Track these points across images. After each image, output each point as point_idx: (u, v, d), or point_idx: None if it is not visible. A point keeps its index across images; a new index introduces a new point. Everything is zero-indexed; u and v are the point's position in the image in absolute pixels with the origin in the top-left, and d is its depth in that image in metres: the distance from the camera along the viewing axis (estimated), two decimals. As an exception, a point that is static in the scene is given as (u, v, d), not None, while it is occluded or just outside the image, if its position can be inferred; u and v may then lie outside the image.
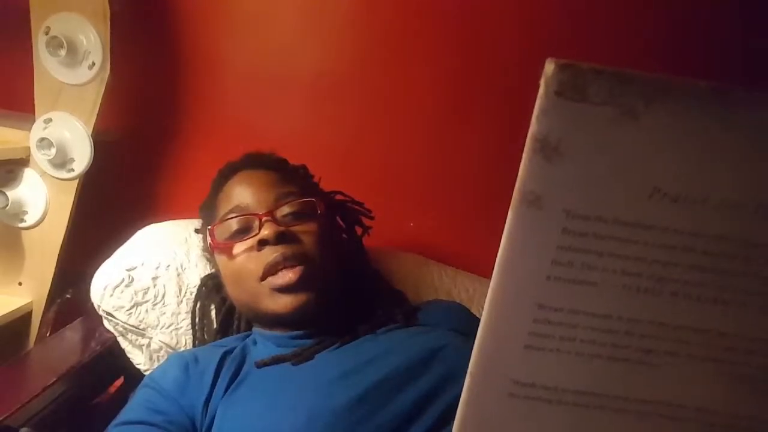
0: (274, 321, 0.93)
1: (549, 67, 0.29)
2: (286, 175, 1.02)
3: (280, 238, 0.90)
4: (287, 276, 0.88)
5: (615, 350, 0.34)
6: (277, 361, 0.88)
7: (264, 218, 0.92)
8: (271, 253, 0.90)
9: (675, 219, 0.31)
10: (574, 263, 0.32)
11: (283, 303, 0.89)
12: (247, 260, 0.92)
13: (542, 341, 0.34)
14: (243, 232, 0.94)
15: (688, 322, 0.34)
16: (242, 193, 0.97)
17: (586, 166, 0.30)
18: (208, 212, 1.04)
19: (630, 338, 0.34)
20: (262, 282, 0.90)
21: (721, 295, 0.33)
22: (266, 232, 0.91)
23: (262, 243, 0.91)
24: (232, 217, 0.95)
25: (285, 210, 0.95)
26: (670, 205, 0.31)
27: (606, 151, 0.30)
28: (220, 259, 0.99)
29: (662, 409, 0.36)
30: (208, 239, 0.99)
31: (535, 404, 0.36)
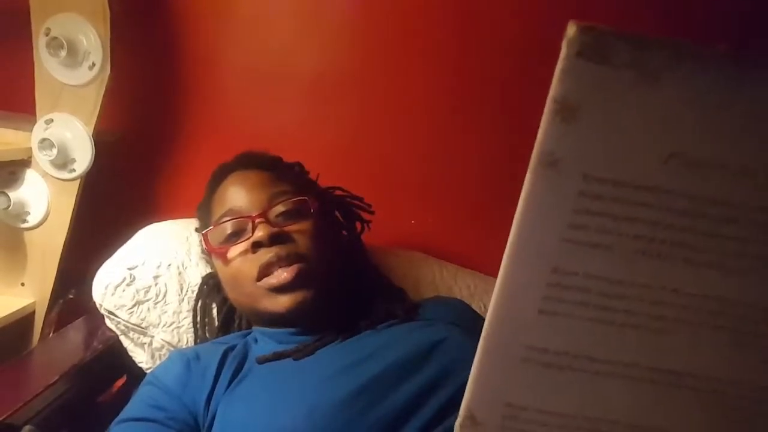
0: (273, 320, 0.93)
1: (571, 29, 0.29)
2: (279, 174, 1.02)
3: (273, 239, 0.90)
4: (282, 275, 0.88)
5: (627, 316, 0.35)
6: (278, 357, 0.89)
7: (257, 220, 0.92)
8: (265, 255, 0.90)
9: (691, 184, 0.32)
10: (590, 227, 0.32)
11: (281, 302, 0.89)
12: (242, 263, 0.92)
13: (556, 306, 0.34)
14: (237, 235, 0.94)
15: (701, 289, 0.34)
16: (235, 195, 0.97)
17: (604, 129, 0.31)
18: (203, 215, 1.05)
19: (642, 304, 0.34)
20: (258, 283, 0.90)
21: (736, 263, 0.33)
22: (259, 234, 0.91)
23: (256, 245, 0.91)
24: (225, 221, 0.95)
25: (278, 210, 0.95)
26: (686, 170, 0.31)
27: (625, 114, 0.30)
28: (217, 263, 0.99)
29: (673, 376, 0.36)
30: (203, 244, 0.99)
31: (547, 370, 0.36)
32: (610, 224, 0.32)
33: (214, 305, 1.09)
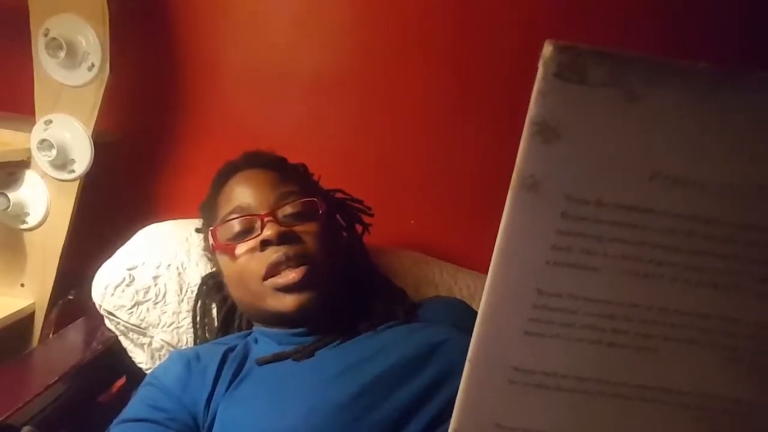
0: (276, 320, 0.93)
1: (547, 48, 0.28)
2: (285, 175, 1.02)
3: (282, 239, 0.90)
4: (290, 276, 0.88)
5: (615, 336, 0.34)
6: (278, 358, 0.89)
7: (266, 219, 0.92)
8: (273, 253, 0.90)
9: (675, 202, 0.31)
10: (574, 248, 0.32)
11: (287, 302, 0.89)
12: (249, 261, 0.92)
13: (542, 327, 0.34)
14: (245, 232, 0.94)
15: (689, 307, 0.33)
16: (243, 194, 0.97)
17: (585, 149, 0.30)
18: (208, 213, 1.04)
19: (630, 324, 0.34)
20: (265, 282, 0.90)
21: (723, 280, 0.33)
22: (268, 232, 0.90)
23: (265, 243, 0.91)
24: (233, 218, 0.95)
25: (286, 210, 0.95)
26: (670, 188, 0.31)
27: (606, 133, 0.30)
28: (222, 259, 0.99)
29: (662, 394, 0.36)
30: (210, 240, 0.99)
31: (535, 391, 0.36)
32: (594, 245, 0.32)
33: (213, 305, 1.09)
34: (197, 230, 1.13)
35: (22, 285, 1.27)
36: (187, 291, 1.11)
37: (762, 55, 1.24)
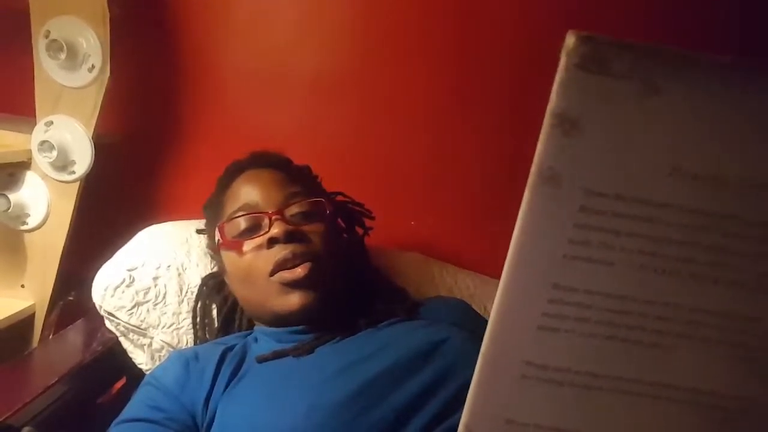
0: (279, 319, 0.93)
1: (570, 39, 0.28)
2: (292, 175, 1.02)
3: (289, 237, 0.91)
4: (297, 271, 0.89)
5: (629, 332, 0.34)
6: (277, 356, 0.89)
7: (274, 217, 0.93)
8: (281, 251, 0.90)
9: (694, 198, 0.31)
10: (591, 242, 0.32)
11: (291, 300, 0.89)
12: (256, 258, 0.92)
13: (556, 322, 0.34)
14: (252, 230, 0.94)
15: (704, 304, 0.33)
16: (250, 192, 0.97)
17: (605, 142, 0.30)
18: (213, 211, 1.04)
19: (644, 320, 0.34)
20: (271, 278, 0.90)
21: (739, 278, 0.33)
22: (276, 230, 0.91)
23: (273, 241, 0.91)
24: (241, 215, 0.95)
25: (294, 209, 0.95)
26: (689, 184, 0.30)
27: (626, 126, 0.30)
28: (228, 256, 0.98)
29: (674, 392, 0.36)
30: (217, 236, 0.99)
31: (547, 386, 0.35)
32: (612, 239, 0.32)
33: (213, 306, 1.09)
34: (198, 231, 1.13)
35: (23, 286, 1.27)
36: (187, 292, 1.10)
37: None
